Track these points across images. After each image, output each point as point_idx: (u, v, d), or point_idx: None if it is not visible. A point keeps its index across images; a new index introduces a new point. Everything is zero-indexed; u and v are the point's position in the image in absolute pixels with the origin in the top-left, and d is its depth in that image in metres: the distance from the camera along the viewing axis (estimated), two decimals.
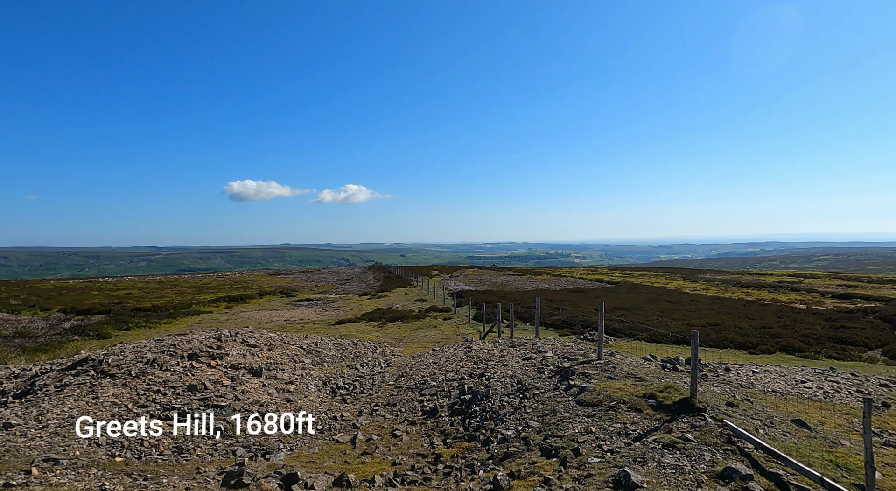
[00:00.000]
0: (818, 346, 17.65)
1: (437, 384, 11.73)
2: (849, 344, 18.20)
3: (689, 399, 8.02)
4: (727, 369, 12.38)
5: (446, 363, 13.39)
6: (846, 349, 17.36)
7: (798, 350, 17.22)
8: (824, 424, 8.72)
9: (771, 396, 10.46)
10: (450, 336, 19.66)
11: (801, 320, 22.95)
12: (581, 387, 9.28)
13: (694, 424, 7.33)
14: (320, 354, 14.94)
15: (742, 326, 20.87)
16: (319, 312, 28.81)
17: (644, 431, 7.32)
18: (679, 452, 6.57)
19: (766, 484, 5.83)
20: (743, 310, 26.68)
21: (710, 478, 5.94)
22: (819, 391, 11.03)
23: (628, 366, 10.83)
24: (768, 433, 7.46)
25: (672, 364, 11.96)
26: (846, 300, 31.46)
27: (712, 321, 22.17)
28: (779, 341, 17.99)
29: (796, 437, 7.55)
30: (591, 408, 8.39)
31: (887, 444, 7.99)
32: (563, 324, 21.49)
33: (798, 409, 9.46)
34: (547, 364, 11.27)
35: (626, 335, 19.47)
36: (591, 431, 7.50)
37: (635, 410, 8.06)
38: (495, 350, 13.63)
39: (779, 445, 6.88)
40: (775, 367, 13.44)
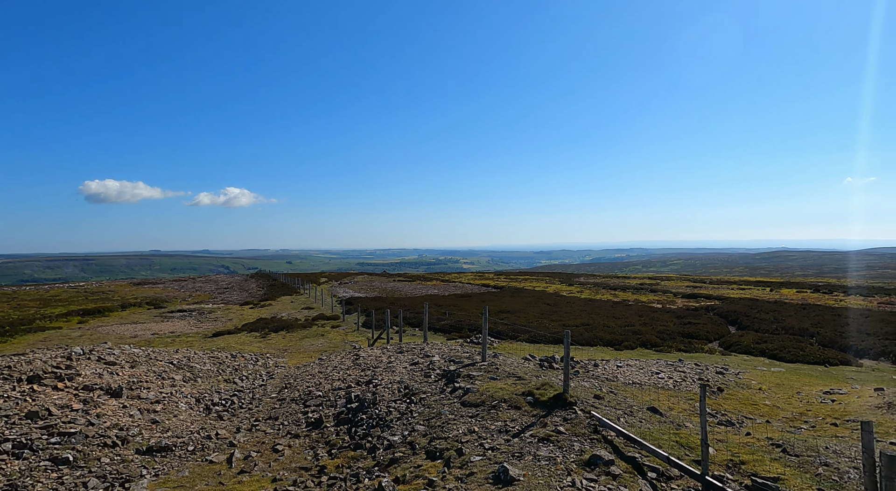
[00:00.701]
0: (670, 340, 19.95)
1: (323, 394, 11.42)
2: (694, 338, 20.81)
3: (563, 395, 8.66)
4: (596, 365, 13.53)
5: (333, 372, 13.08)
6: (692, 342, 19.83)
7: (654, 345, 19.33)
8: (673, 409, 9.89)
9: (632, 388, 11.62)
10: (338, 344, 19.23)
11: (658, 318, 25.79)
12: (466, 389, 9.58)
13: (566, 417, 7.92)
14: (193, 369, 13.81)
15: (610, 325, 22.94)
16: (194, 323, 26.61)
17: (522, 427, 7.75)
18: (553, 445, 7.05)
19: (625, 467, 6.47)
20: (611, 310, 29.33)
21: (578, 466, 6.46)
22: (670, 381, 12.49)
23: (510, 366, 11.39)
24: (628, 421, 8.29)
25: (549, 363, 12.81)
26: (693, 300, 35.95)
27: (585, 321, 24.10)
28: (639, 338, 20.05)
29: (650, 422, 8.48)
30: (475, 408, 8.70)
31: (720, 423, 9.27)
32: (450, 328, 22.02)
33: (653, 397, 10.63)
34: (434, 368, 11.48)
35: (509, 337, 20.45)
36: (474, 431, 7.78)
37: (515, 407, 8.51)
38: (384, 356, 13.59)
39: (636, 431, 7.67)
40: (636, 361, 14.97)
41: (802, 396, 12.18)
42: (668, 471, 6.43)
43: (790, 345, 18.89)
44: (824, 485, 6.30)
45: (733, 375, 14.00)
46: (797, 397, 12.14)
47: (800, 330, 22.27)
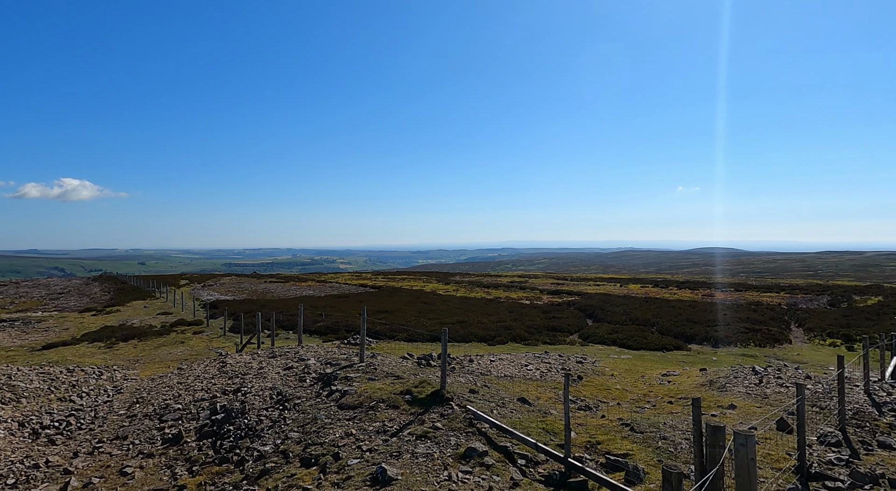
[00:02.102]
0: (538, 334, 21.42)
1: (184, 407, 10.40)
2: (558, 331, 22.57)
3: (440, 391, 8.84)
4: (471, 361, 14.04)
5: (195, 382, 11.98)
6: (556, 335, 21.49)
7: (524, 339, 20.61)
8: (540, 398, 10.61)
9: (504, 380, 12.25)
10: (201, 352, 17.66)
11: (526, 314, 27.54)
12: (343, 391, 9.36)
13: (443, 413, 8.09)
14: (15, 388, 11.75)
15: (483, 322, 23.99)
16: (17, 335, 22.68)
17: (401, 425, 7.76)
18: (430, 441, 7.16)
19: (497, 456, 6.79)
20: (484, 307, 30.70)
21: (455, 460, 6.63)
22: (537, 372, 13.39)
23: (388, 366, 11.37)
24: (501, 413, 8.71)
25: (427, 360, 13.02)
26: (556, 296, 38.99)
27: (461, 319, 24.92)
28: (510, 333, 21.23)
29: (521, 412, 9.00)
30: (353, 410, 8.54)
31: (580, 408, 10.14)
32: (327, 330, 21.40)
33: (522, 388, 11.30)
34: (309, 372, 11.06)
35: (388, 337, 20.43)
36: (351, 434, 7.62)
37: (393, 407, 8.50)
38: (254, 362, 12.77)
39: (508, 422, 8.09)
40: (507, 354, 15.82)
41: (646, 379, 13.81)
42: (535, 457, 6.86)
43: (636, 334, 21.33)
44: (663, 456, 7.19)
45: (591, 364, 15.43)
46: (642, 381, 13.73)
47: (644, 320, 25.25)
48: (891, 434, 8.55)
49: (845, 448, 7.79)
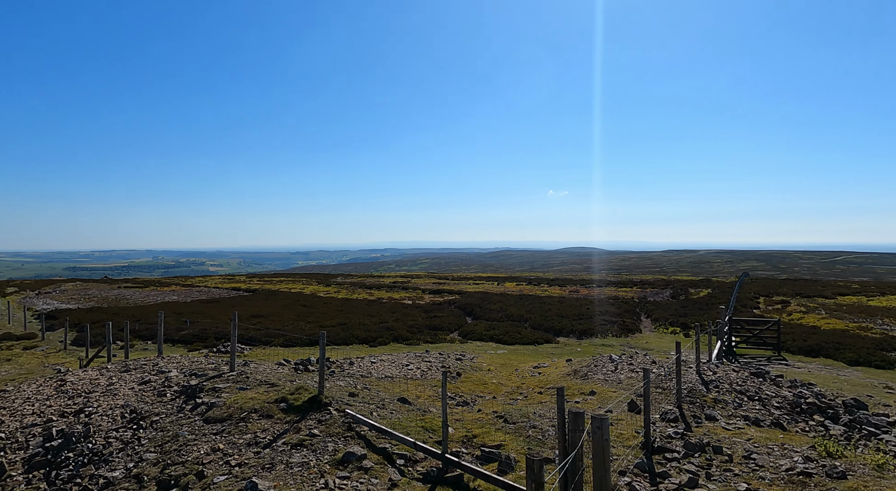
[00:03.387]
0: (419, 334, 21.70)
1: (7, 435, 8.88)
2: (439, 330, 23.06)
3: (318, 396, 8.56)
4: (351, 363, 13.80)
5: (24, 406, 10.29)
6: (437, 334, 21.95)
7: (405, 339, 20.75)
8: (420, 397, 10.75)
9: (385, 381, 12.22)
10: (34, 370, 15.25)
11: (408, 314, 27.77)
12: (210, 403, 8.66)
13: (320, 419, 7.85)
14: None
15: (365, 323, 23.73)
16: None
17: (275, 435, 7.38)
18: (306, 449, 6.90)
19: (377, 458, 6.74)
20: (367, 309, 30.38)
21: (332, 466, 6.46)
22: (418, 371, 13.56)
23: (262, 373, 10.75)
24: (380, 414, 8.67)
25: (305, 365, 12.53)
26: (438, 295, 39.83)
27: (342, 321, 24.39)
28: (392, 333, 21.25)
29: (401, 412, 9.04)
30: (221, 423, 7.94)
31: (458, 404, 10.46)
32: (194, 338, 19.69)
33: (403, 388, 11.37)
34: (171, 385, 10.07)
35: (263, 342, 19.34)
36: (218, 449, 7.07)
37: (267, 416, 8.06)
38: (102, 379, 11.31)
39: (387, 423, 8.08)
40: (389, 355, 15.81)
41: (519, 372, 14.65)
42: (414, 455, 6.94)
43: (511, 330, 22.54)
44: (532, 444, 7.67)
45: (469, 360, 15.99)
46: (515, 374, 14.54)
47: (518, 317, 26.77)
48: (714, 407, 10.00)
49: (681, 423, 8.95)
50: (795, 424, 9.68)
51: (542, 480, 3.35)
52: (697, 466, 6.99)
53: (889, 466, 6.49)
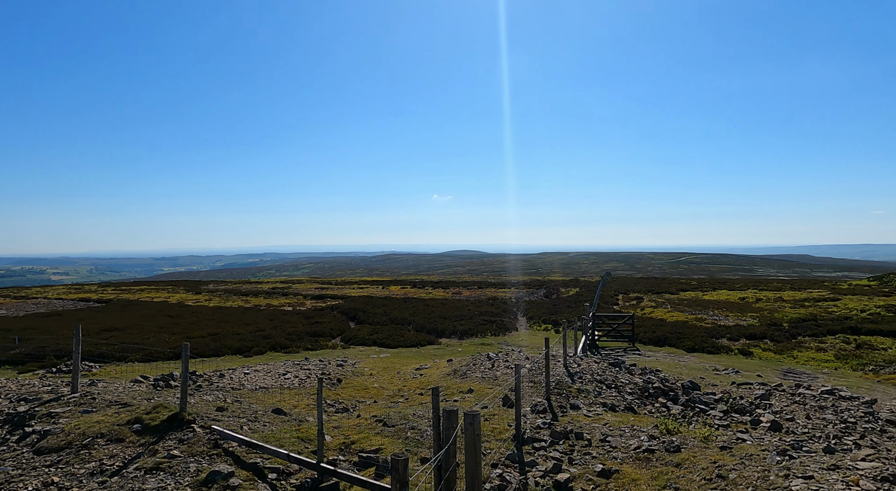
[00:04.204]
0: (299, 341, 20.87)
1: None
2: (320, 336, 22.38)
3: (179, 414, 7.85)
4: (222, 376, 12.86)
5: None
6: (318, 340, 21.27)
7: (284, 347, 19.83)
8: (297, 407, 10.34)
9: (259, 393, 11.56)
10: None
11: (288, 321, 26.59)
12: (43, 432, 7.54)
13: (182, 438, 7.20)
14: None
15: (240, 332, 22.26)
16: None
17: (125, 461, 6.63)
18: (164, 473, 6.29)
19: (246, 475, 6.35)
20: (242, 317, 28.53)
21: (194, 488, 5.96)
22: (296, 380, 13.03)
23: (114, 393, 9.60)
24: (252, 428, 8.19)
25: (166, 381, 11.42)
26: (320, 300, 38.66)
27: (213, 331, 22.64)
28: (269, 341, 20.19)
29: (275, 424, 8.61)
30: (58, 453, 6.94)
31: (338, 411, 10.23)
32: (27, 358, 16.99)
33: (279, 399, 10.85)
34: None
35: (118, 359, 17.27)
36: (52, 483, 6.17)
37: (117, 440, 7.21)
38: None
39: (259, 436, 7.64)
40: (264, 365, 14.99)
41: (401, 375, 14.72)
42: (288, 468, 6.64)
43: (394, 333, 22.58)
44: (410, 445, 7.74)
45: (351, 366, 15.72)
46: (398, 376, 14.59)
47: (401, 320, 26.90)
48: (578, 397, 10.89)
49: (549, 413, 9.61)
50: (644, 407, 10.87)
51: (407, 479, 3.40)
52: (561, 453, 7.55)
53: (712, 437, 7.56)
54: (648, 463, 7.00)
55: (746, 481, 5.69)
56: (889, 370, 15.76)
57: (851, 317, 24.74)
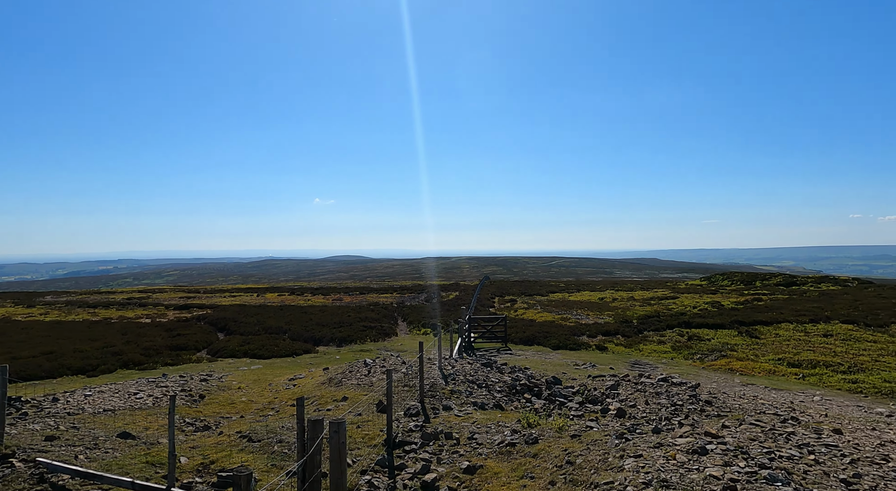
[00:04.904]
0: (157, 356, 18.97)
1: None
2: (183, 349, 20.56)
3: None
4: (55, 400, 11.27)
5: None
6: (181, 354, 19.52)
7: (139, 364, 17.89)
8: (150, 428, 9.40)
9: (103, 416, 10.31)
10: None
11: (145, 334, 24.05)
12: None
13: None
14: None
15: (83, 350, 19.67)
16: None
17: None
18: None
19: None
20: (87, 331, 25.23)
21: None
22: (150, 399, 11.84)
23: None
24: (91, 456, 7.30)
25: None
26: (186, 311, 35.52)
27: (48, 349, 19.72)
28: (120, 358, 18.09)
29: (120, 450, 7.76)
30: None
31: (198, 430, 9.49)
32: None
33: (127, 421, 9.78)
34: None
35: None
36: None
37: None
38: None
39: (98, 465, 6.84)
40: (112, 385, 13.41)
41: (273, 387, 14.05)
42: None
43: (268, 343, 21.48)
44: (276, 460, 7.45)
45: (217, 380, 14.66)
46: (269, 388, 13.91)
47: (277, 328, 25.69)
48: (451, 398, 11.26)
49: (422, 415, 9.82)
50: (511, 404, 11.55)
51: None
52: (431, 453, 7.76)
53: (566, 427, 8.28)
54: (510, 456, 7.46)
55: (590, 465, 6.32)
56: (711, 357, 18.45)
57: (685, 313, 28.53)
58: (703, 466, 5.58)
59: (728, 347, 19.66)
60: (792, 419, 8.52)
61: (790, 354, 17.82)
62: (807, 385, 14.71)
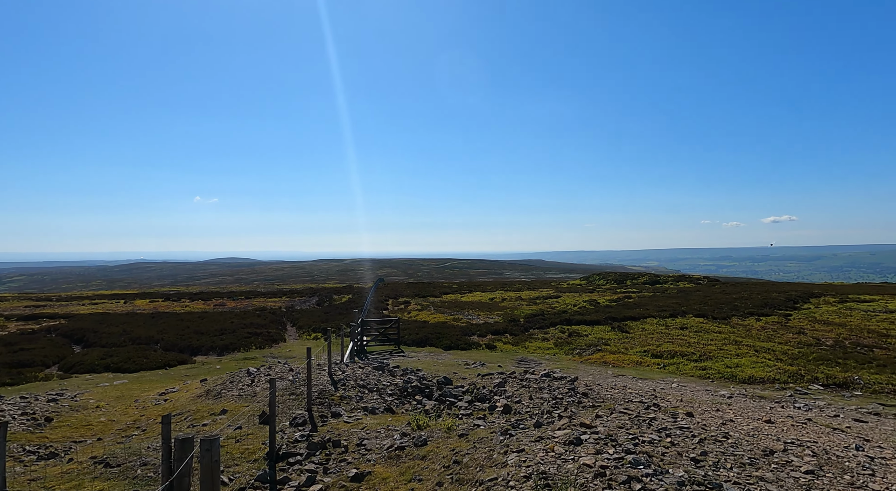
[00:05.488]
0: None
1: None
2: (27, 366, 17.88)
3: None
4: None
5: None
6: (23, 372, 16.94)
7: None
8: None
9: None
10: None
11: None
12: None
13: None
14: None
15: None
16: None
17: None
18: None
19: None
20: None
21: None
22: None
23: None
24: None
25: None
26: (33, 322, 30.96)
27: None
28: None
29: None
30: None
31: (42, 458, 8.25)
32: None
33: None
34: None
35: None
36: None
37: None
38: None
39: None
40: None
41: (139, 403, 12.68)
42: None
43: (135, 355, 19.39)
44: (140, 484, 6.69)
45: (69, 399, 12.92)
46: (135, 405, 12.53)
47: (147, 338, 23.29)
48: (340, 404, 10.95)
49: (308, 425, 9.42)
50: (402, 406, 11.51)
51: None
52: (317, 464, 7.46)
53: (454, 427, 8.41)
54: (399, 460, 7.40)
55: (476, 463, 6.45)
56: (588, 352, 19.92)
57: (567, 311, 30.57)
58: (578, 456, 5.95)
59: (603, 342, 21.36)
60: (654, 406, 9.43)
61: (654, 346, 19.79)
62: (667, 374, 16.42)
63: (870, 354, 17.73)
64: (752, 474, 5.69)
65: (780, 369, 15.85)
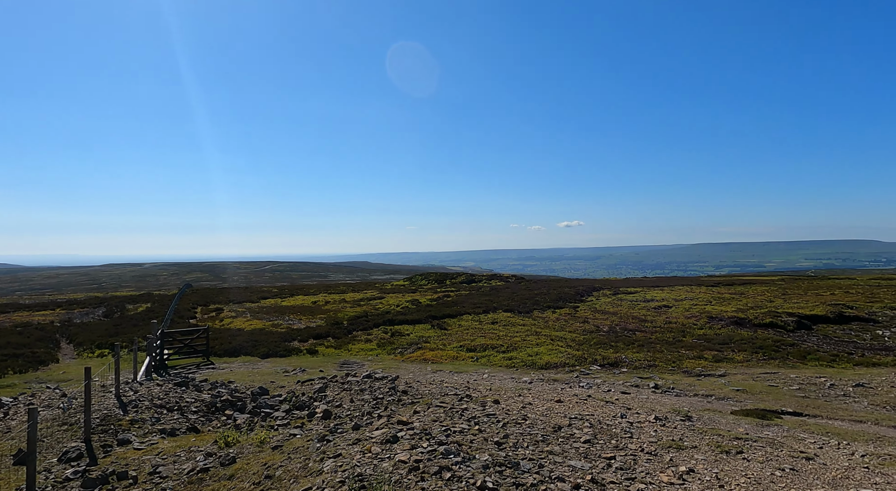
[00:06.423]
0: None
1: None
2: None
3: None
4: None
5: None
6: None
7: None
8: None
9: None
10: None
11: None
12: None
13: None
14: None
15: None
16: None
17: None
18: None
19: None
20: None
21: None
22: None
23: None
24: None
25: None
26: None
27: None
28: None
29: None
30: None
31: None
32: None
33: None
34: None
35: None
36: None
37: None
38: None
39: None
40: None
41: None
42: None
43: None
44: None
45: None
46: None
47: None
48: (130, 429, 9.51)
49: (86, 458, 7.97)
50: (210, 424, 10.46)
51: None
52: None
53: (268, 439, 7.91)
54: (202, 484, 6.68)
55: (290, 474, 6.15)
56: (410, 350, 20.57)
57: (390, 311, 31.15)
58: (394, 453, 6.07)
59: (423, 340, 22.24)
60: (467, 397, 10.11)
61: (469, 341, 21.28)
62: (480, 365, 17.78)
63: (633, 337, 21.56)
64: (543, 450, 6.45)
65: (570, 354, 18.34)
